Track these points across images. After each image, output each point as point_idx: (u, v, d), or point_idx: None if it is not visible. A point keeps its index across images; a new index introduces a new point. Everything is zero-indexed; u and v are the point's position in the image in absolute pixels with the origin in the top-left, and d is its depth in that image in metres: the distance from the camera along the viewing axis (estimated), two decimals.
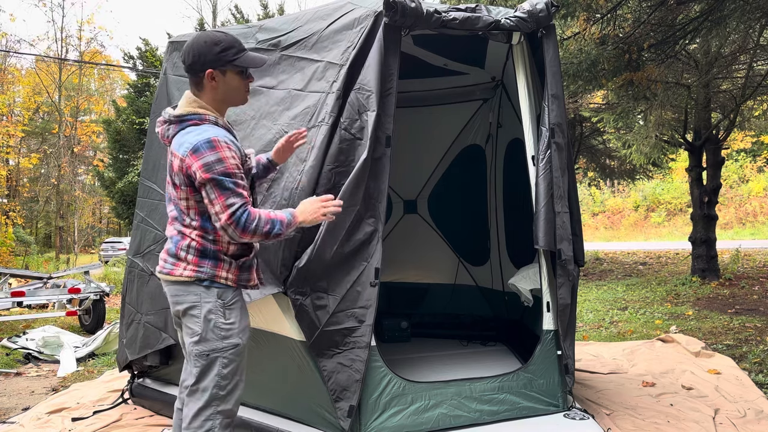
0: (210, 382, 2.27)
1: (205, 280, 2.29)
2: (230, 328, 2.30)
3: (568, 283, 3.25)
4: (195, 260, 2.29)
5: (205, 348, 2.27)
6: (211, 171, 2.16)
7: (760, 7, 6.07)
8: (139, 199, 3.96)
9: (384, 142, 2.99)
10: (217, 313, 2.28)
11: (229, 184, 2.17)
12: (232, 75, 2.33)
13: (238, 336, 2.32)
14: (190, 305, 2.29)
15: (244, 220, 2.16)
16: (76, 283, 8.12)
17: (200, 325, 2.28)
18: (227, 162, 2.18)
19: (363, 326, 2.91)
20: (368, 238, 2.97)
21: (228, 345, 2.28)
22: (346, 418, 2.86)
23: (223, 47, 2.30)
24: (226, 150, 2.20)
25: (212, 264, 2.30)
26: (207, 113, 2.32)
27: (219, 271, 2.30)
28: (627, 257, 15.16)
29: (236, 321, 2.32)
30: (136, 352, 3.74)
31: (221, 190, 2.16)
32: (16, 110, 27.96)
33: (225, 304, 2.31)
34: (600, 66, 6.77)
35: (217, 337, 2.27)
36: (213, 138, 2.19)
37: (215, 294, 2.29)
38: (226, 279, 2.32)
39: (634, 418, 3.50)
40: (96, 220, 34.52)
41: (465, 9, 3.17)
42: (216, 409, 2.28)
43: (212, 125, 2.29)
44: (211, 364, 2.27)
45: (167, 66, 3.92)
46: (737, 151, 24.14)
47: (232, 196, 2.17)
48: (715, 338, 5.75)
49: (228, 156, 2.19)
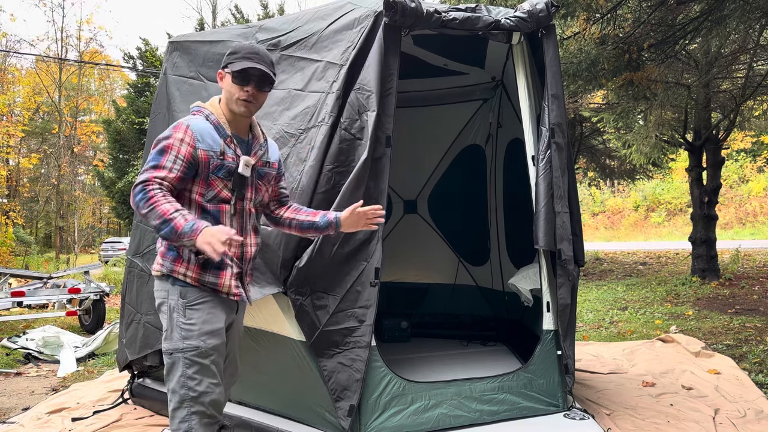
0: (177, 383, 2.23)
1: (167, 275, 2.28)
2: (190, 329, 2.23)
3: (568, 283, 3.25)
4: (162, 252, 2.31)
5: (168, 346, 2.25)
6: (156, 144, 2.22)
7: (760, 7, 6.07)
8: None
9: (384, 142, 2.99)
10: (177, 311, 2.25)
11: (152, 161, 2.17)
12: (228, 78, 2.36)
13: (198, 338, 2.23)
14: (160, 301, 2.32)
15: (138, 198, 2.10)
16: (76, 283, 8.12)
17: (167, 322, 2.28)
18: (172, 140, 2.21)
19: (363, 326, 2.91)
20: (368, 238, 2.97)
21: (188, 346, 2.22)
22: (347, 418, 2.86)
23: (230, 51, 2.38)
24: (181, 133, 2.23)
25: (172, 258, 2.27)
26: (204, 108, 2.38)
27: (177, 266, 2.26)
28: (627, 257, 15.16)
29: (197, 322, 2.24)
30: (136, 352, 3.74)
31: (147, 161, 2.20)
32: (16, 110, 27.95)
33: (186, 304, 2.25)
34: (600, 66, 6.77)
35: (179, 337, 2.24)
36: (180, 121, 2.27)
37: (178, 292, 2.26)
38: (185, 276, 2.26)
39: (634, 418, 3.50)
40: (96, 220, 34.52)
41: (465, 9, 3.18)
42: (190, 410, 2.22)
43: (201, 116, 2.34)
44: (175, 363, 2.23)
45: (167, 66, 3.92)
46: (737, 151, 24.13)
47: (145, 171, 2.16)
48: (715, 338, 5.75)
49: (178, 137, 2.22)
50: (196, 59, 3.73)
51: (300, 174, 2.92)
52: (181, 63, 3.84)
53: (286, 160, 3.02)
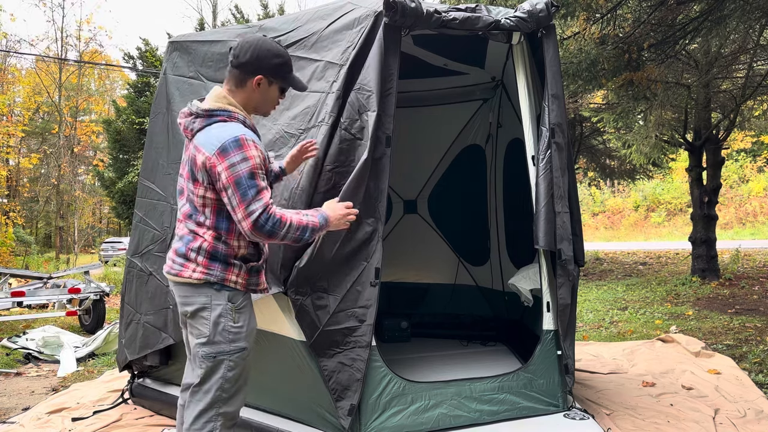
0: (214, 385, 2.26)
1: (215, 283, 2.28)
2: (239, 332, 2.29)
3: (568, 283, 3.25)
4: (205, 262, 2.27)
5: (212, 350, 2.26)
6: (236, 173, 2.14)
7: (760, 7, 6.07)
8: (138, 199, 3.96)
9: (384, 142, 2.99)
10: (226, 317, 2.27)
11: (251, 188, 2.15)
12: (275, 88, 2.40)
13: (245, 340, 2.31)
14: (200, 307, 2.28)
15: (270, 226, 2.16)
16: (76, 283, 8.12)
17: (209, 328, 2.26)
18: (252, 161, 2.17)
19: (363, 326, 2.91)
20: (368, 238, 2.96)
21: (235, 348, 2.28)
22: (347, 417, 2.86)
23: (282, 62, 2.37)
24: (253, 149, 2.19)
25: (222, 267, 2.28)
26: (236, 111, 2.32)
27: (229, 275, 2.29)
28: (627, 257, 15.16)
29: (245, 325, 2.32)
30: (136, 352, 3.74)
31: (242, 195, 2.14)
32: (16, 110, 27.95)
33: (235, 308, 2.30)
34: (600, 66, 6.77)
35: (225, 340, 2.26)
36: (241, 136, 2.18)
37: (226, 297, 2.28)
38: (236, 283, 2.31)
39: (634, 418, 3.50)
40: (96, 220, 34.52)
41: (465, 9, 3.17)
42: (218, 411, 2.27)
43: (240, 123, 2.29)
44: (217, 366, 2.26)
45: (167, 66, 3.92)
46: (737, 151, 24.15)
47: (253, 202, 2.15)
48: (715, 338, 5.75)
49: (255, 155, 2.18)
50: (196, 59, 3.73)
51: (300, 174, 2.92)
52: (180, 63, 3.83)
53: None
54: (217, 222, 2.27)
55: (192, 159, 2.26)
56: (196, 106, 2.32)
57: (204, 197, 2.25)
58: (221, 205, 2.25)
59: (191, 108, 2.34)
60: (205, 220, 2.27)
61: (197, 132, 2.28)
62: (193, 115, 2.31)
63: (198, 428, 2.26)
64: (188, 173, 2.30)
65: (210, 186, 2.22)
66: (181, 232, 2.35)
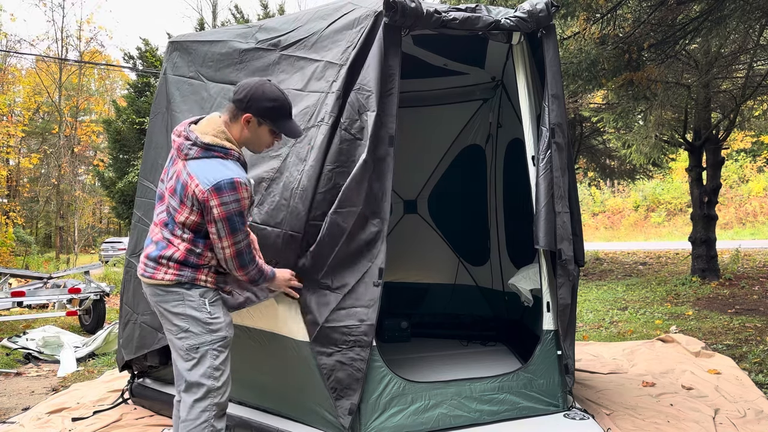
0: (203, 375, 2.41)
1: (186, 282, 2.43)
2: (217, 322, 2.45)
3: (569, 283, 3.25)
4: (176, 266, 2.42)
5: (195, 342, 2.41)
6: (228, 211, 2.32)
7: (760, 7, 6.07)
8: (137, 199, 3.96)
9: (387, 141, 2.99)
10: (201, 310, 2.43)
11: (239, 224, 2.36)
12: (265, 129, 2.48)
13: (225, 329, 2.48)
14: (174, 303, 2.42)
15: (248, 260, 2.43)
16: (76, 283, 8.12)
17: (186, 321, 2.41)
18: (242, 203, 2.35)
19: (364, 325, 2.91)
20: (373, 238, 2.97)
21: (217, 338, 2.44)
22: (347, 417, 2.86)
23: (274, 105, 2.45)
24: (244, 191, 2.36)
25: (192, 270, 2.45)
26: (233, 148, 2.43)
27: (199, 275, 2.46)
28: (627, 257, 15.16)
29: (221, 316, 2.48)
30: (133, 353, 3.74)
31: (231, 229, 2.35)
32: (16, 110, 27.92)
33: (208, 302, 2.46)
34: (600, 66, 6.77)
35: (205, 330, 2.42)
36: (236, 179, 2.33)
37: (198, 293, 2.44)
38: (206, 281, 2.48)
39: (634, 418, 3.50)
40: (96, 220, 34.50)
41: (465, 9, 3.17)
42: (212, 401, 2.42)
43: (235, 162, 2.41)
44: (203, 357, 2.41)
45: (167, 66, 3.92)
46: (737, 151, 24.14)
47: (240, 233, 2.38)
48: (715, 338, 5.75)
49: (245, 197, 2.36)
50: (196, 59, 3.73)
51: (300, 174, 2.92)
52: (181, 63, 3.83)
53: (286, 160, 3.02)
54: (194, 239, 2.42)
55: (183, 183, 2.37)
56: (195, 135, 2.40)
57: (188, 218, 2.38)
58: (202, 228, 2.39)
59: (190, 134, 2.40)
60: (182, 233, 2.41)
61: (192, 159, 2.38)
62: (191, 142, 2.39)
63: (194, 418, 2.38)
64: (172, 189, 2.41)
65: (198, 212, 2.36)
66: (155, 237, 2.47)
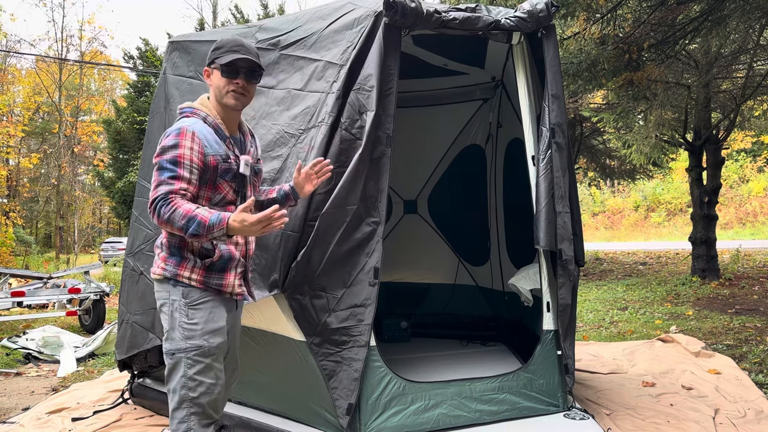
0: (177, 383, 2.25)
1: (170, 279, 2.28)
2: (192, 329, 2.24)
3: (569, 283, 3.25)
4: (163, 257, 2.31)
5: (170, 346, 2.26)
6: (162, 155, 2.19)
7: (760, 7, 6.07)
8: (136, 199, 3.97)
9: (384, 141, 2.99)
10: (180, 312, 2.25)
11: (168, 171, 2.16)
12: (217, 74, 2.38)
13: (201, 338, 2.24)
14: (162, 302, 2.32)
15: (161, 207, 2.12)
16: (76, 283, 8.12)
17: (168, 323, 2.28)
18: (181, 149, 2.18)
19: (362, 325, 2.91)
20: (367, 237, 2.97)
21: (191, 346, 2.23)
22: (345, 416, 2.86)
23: (215, 47, 2.39)
24: (188, 140, 2.21)
25: (176, 262, 2.28)
26: (200, 109, 2.37)
27: (181, 270, 2.27)
28: (627, 257, 15.16)
29: (200, 322, 2.25)
30: (124, 352, 3.73)
31: (159, 175, 2.17)
32: (17, 110, 27.92)
33: (189, 304, 2.26)
34: (600, 66, 6.77)
35: (181, 337, 2.24)
36: (184, 127, 2.23)
37: (180, 293, 2.27)
38: (189, 279, 2.27)
39: (634, 418, 3.50)
40: (96, 220, 34.52)
41: (465, 9, 3.18)
42: (189, 411, 2.24)
43: (198, 119, 2.32)
44: (177, 364, 2.25)
45: (167, 66, 3.92)
46: (737, 151, 24.15)
47: (164, 184, 2.15)
48: (715, 338, 5.75)
49: (185, 145, 2.20)
50: (196, 59, 3.73)
51: None
52: (180, 63, 3.83)
53: (286, 160, 3.02)
54: None
55: None
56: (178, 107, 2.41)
57: None
58: None
59: None
60: None
61: None
62: None
63: (173, 429, 2.26)
64: None
65: None
66: None
